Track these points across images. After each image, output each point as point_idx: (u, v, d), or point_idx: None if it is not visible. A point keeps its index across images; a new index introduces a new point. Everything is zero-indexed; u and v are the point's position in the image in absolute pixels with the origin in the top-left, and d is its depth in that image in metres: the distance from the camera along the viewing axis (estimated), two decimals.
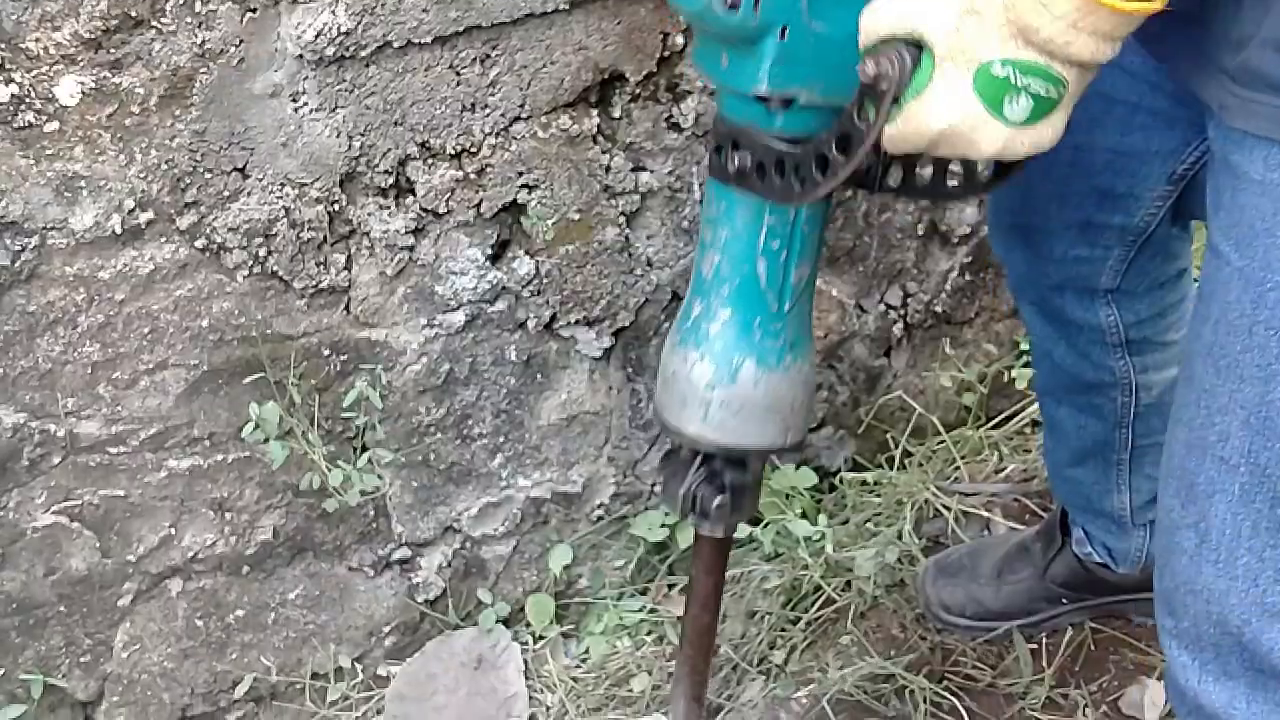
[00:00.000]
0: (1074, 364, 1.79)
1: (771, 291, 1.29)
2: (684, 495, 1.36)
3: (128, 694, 1.87)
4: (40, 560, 1.74)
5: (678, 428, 1.34)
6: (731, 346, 1.30)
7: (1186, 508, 1.18)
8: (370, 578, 2.02)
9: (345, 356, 1.86)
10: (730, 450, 1.34)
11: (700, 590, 1.43)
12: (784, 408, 1.33)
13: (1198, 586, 1.17)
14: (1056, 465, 1.96)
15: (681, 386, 1.32)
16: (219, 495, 1.84)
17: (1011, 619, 2.05)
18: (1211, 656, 1.17)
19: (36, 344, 1.65)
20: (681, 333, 1.34)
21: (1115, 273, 1.66)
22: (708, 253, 1.31)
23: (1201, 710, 1.19)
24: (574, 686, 2.06)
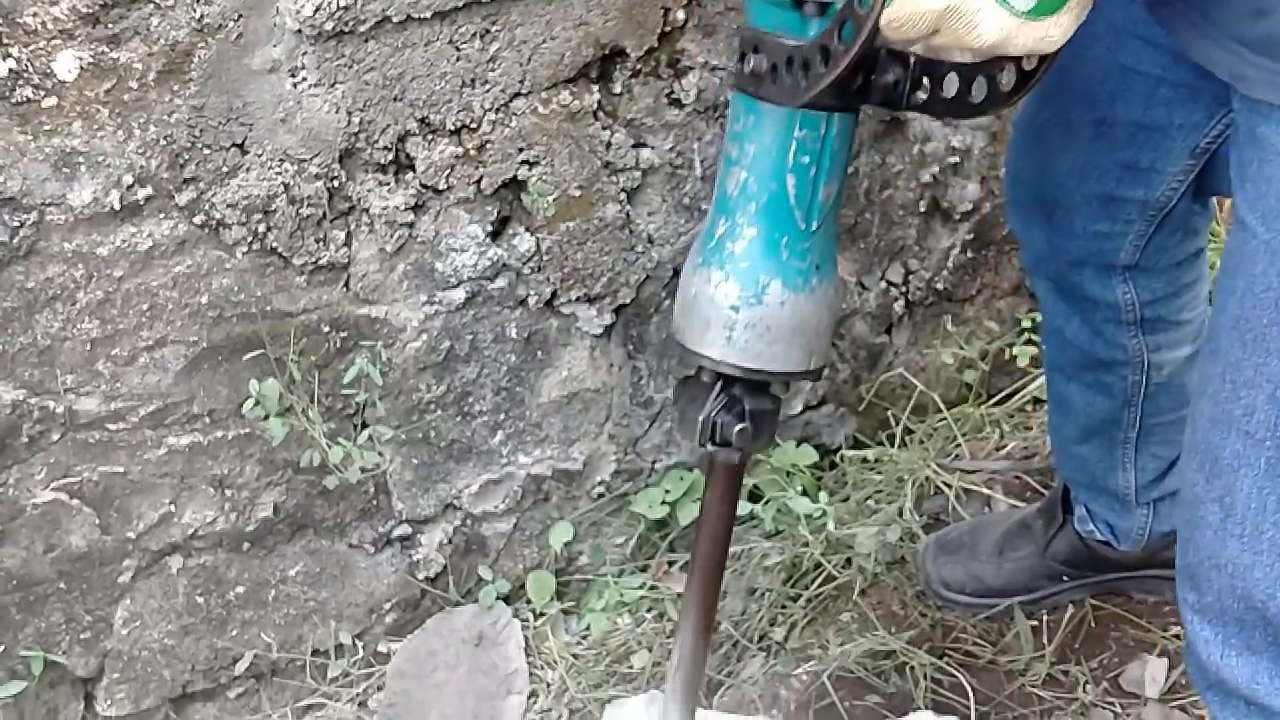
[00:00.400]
0: (1086, 341, 1.79)
1: (800, 209, 1.26)
2: (703, 422, 1.30)
3: (128, 670, 1.87)
4: (40, 537, 1.74)
5: (699, 351, 1.29)
6: (758, 266, 1.26)
7: (1211, 482, 1.17)
8: (371, 555, 2.02)
9: (345, 333, 1.86)
10: (755, 374, 1.29)
11: (712, 519, 1.39)
12: (809, 330, 1.29)
13: (1222, 561, 1.16)
14: (1062, 442, 1.95)
15: (704, 308, 1.28)
16: (219, 472, 1.84)
17: (1012, 596, 2.05)
18: (1235, 631, 1.17)
19: (35, 320, 1.64)
20: (704, 253, 1.29)
21: (1135, 248, 1.65)
22: (733, 169, 1.27)
23: (1224, 685, 1.18)
24: (574, 663, 2.06)
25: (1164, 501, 1.95)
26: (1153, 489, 1.93)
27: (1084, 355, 1.80)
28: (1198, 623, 1.21)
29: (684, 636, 1.45)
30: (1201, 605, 1.20)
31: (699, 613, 1.44)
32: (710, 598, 1.45)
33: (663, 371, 2.13)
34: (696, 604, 1.44)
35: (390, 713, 1.97)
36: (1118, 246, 1.66)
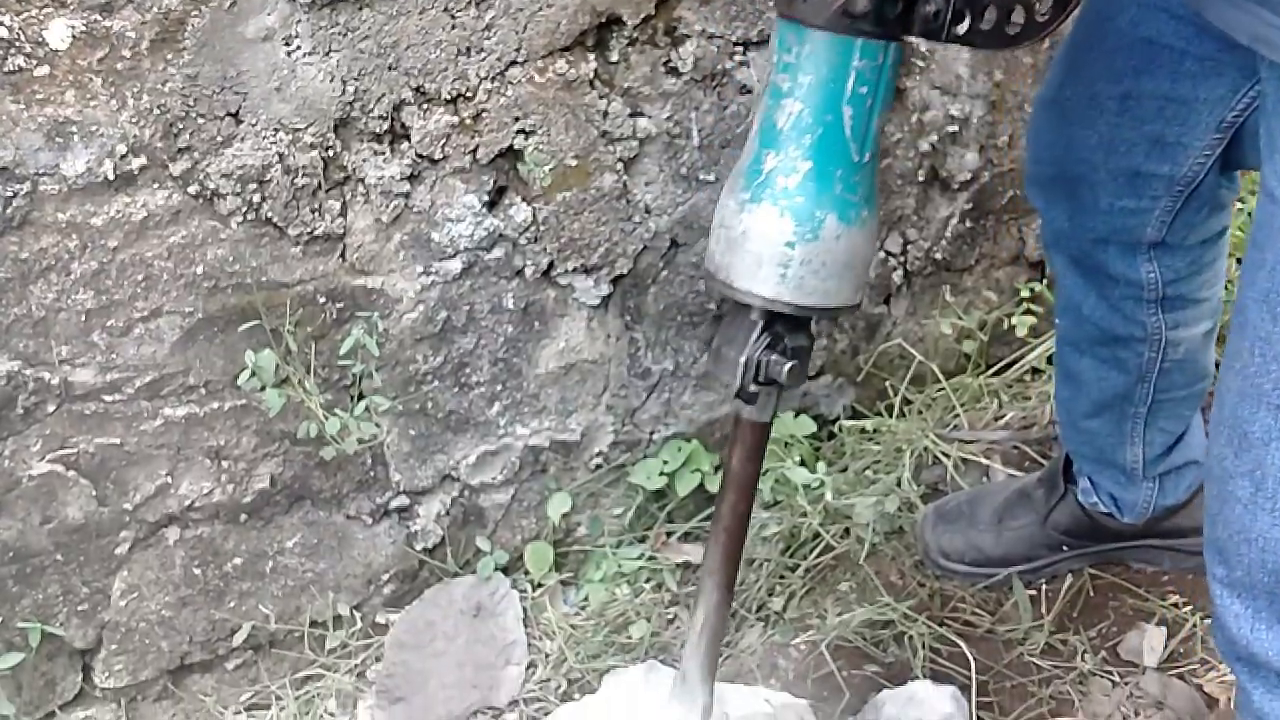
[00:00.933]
0: (1104, 317, 1.78)
1: (855, 141, 1.24)
2: (746, 363, 1.27)
3: (126, 642, 1.87)
4: (36, 508, 1.73)
5: (750, 289, 1.26)
6: (813, 200, 1.24)
7: (1240, 456, 1.16)
8: (368, 526, 2.01)
9: (341, 304, 1.85)
10: (808, 311, 1.27)
11: (739, 477, 1.37)
12: (859, 263, 1.28)
13: (1253, 535, 1.16)
14: (1071, 416, 1.95)
15: (755, 245, 1.25)
16: (216, 443, 1.83)
17: (1011, 565, 2.05)
18: (1265, 604, 1.16)
19: (29, 291, 1.63)
20: (752, 189, 1.26)
21: (1161, 224, 1.65)
22: (784, 101, 1.24)
23: (1254, 658, 1.17)
24: (573, 633, 2.06)
25: (1169, 476, 1.95)
26: (1159, 463, 1.93)
27: (1100, 331, 1.80)
28: (1227, 597, 1.20)
29: (706, 601, 1.43)
30: (1231, 579, 1.19)
31: (721, 577, 1.42)
32: (734, 562, 1.43)
33: (660, 342, 2.13)
34: (719, 568, 1.42)
35: (389, 683, 1.97)
36: (1144, 223, 1.65)
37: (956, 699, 1.77)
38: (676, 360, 2.16)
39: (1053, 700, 1.87)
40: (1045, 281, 2.48)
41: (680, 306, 2.11)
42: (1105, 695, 1.87)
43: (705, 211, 2.06)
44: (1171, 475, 1.95)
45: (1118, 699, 1.87)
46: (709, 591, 1.42)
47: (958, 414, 2.37)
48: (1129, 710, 1.85)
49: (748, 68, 2.00)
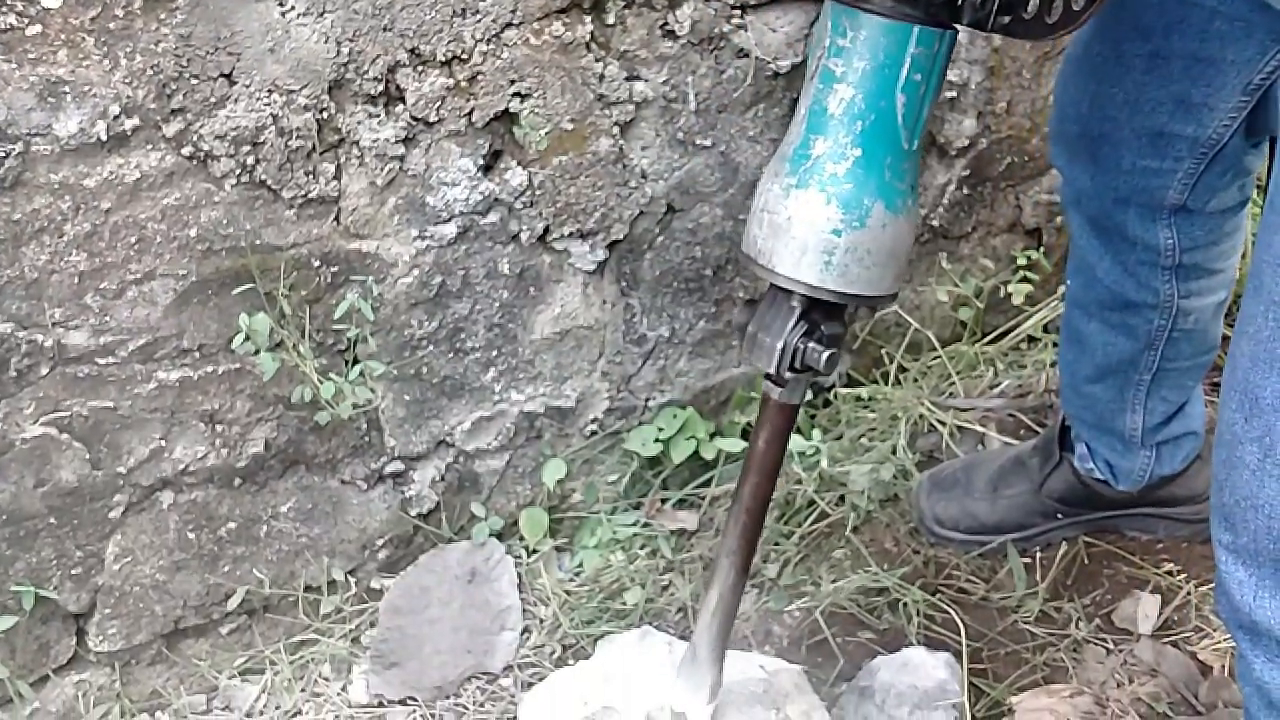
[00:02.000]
0: (1117, 281, 1.77)
1: (906, 129, 1.23)
2: (783, 350, 1.27)
3: (120, 606, 1.87)
4: (29, 471, 1.73)
5: (793, 275, 1.25)
6: (862, 188, 1.22)
7: (1250, 422, 1.15)
8: (363, 491, 2.01)
9: (336, 268, 1.84)
10: (851, 299, 1.26)
11: (764, 458, 1.36)
12: (902, 252, 1.27)
13: (1260, 502, 1.15)
14: (1073, 379, 1.94)
15: (801, 232, 1.24)
16: (210, 407, 1.83)
17: (1005, 533, 2.05)
18: (1270, 572, 1.15)
19: (22, 253, 1.62)
20: (799, 174, 1.24)
21: (1184, 187, 1.64)
22: (837, 86, 1.22)
23: (1256, 626, 1.17)
24: (567, 599, 2.06)
25: (1167, 445, 1.95)
26: (1158, 432, 1.93)
27: (1112, 295, 1.79)
28: (1232, 563, 1.19)
29: (722, 580, 1.42)
30: (1236, 546, 1.18)
31: (739, 559, 1.41)
32: (752, 543, 1.41)
33: (656, 309, 2.12)
34: (738, 549, 1.40)
35: (383, 648, 1.97)
36: (1166, 184, 1.65)
37: (950, 665, 1.77)
38: (672, 327, 2.15)
39: (1046, 667, 1.87)
40: (1042, 249, 2.47)
41: (676, 273, 2.11)
42: (1099, 662, 1.88)
43: (702, 177, 2.05)
44: (1169, 445, 1.95)
45: (1111, 666, 1.87)
46: (725, 571, 1.42)
47: (953, 382, 2.37)
48: (1123, 677, 1.85)
49: (745, 31, 1.98)
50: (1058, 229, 2.47)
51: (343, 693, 1.96)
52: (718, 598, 1.43)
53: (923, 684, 1.75)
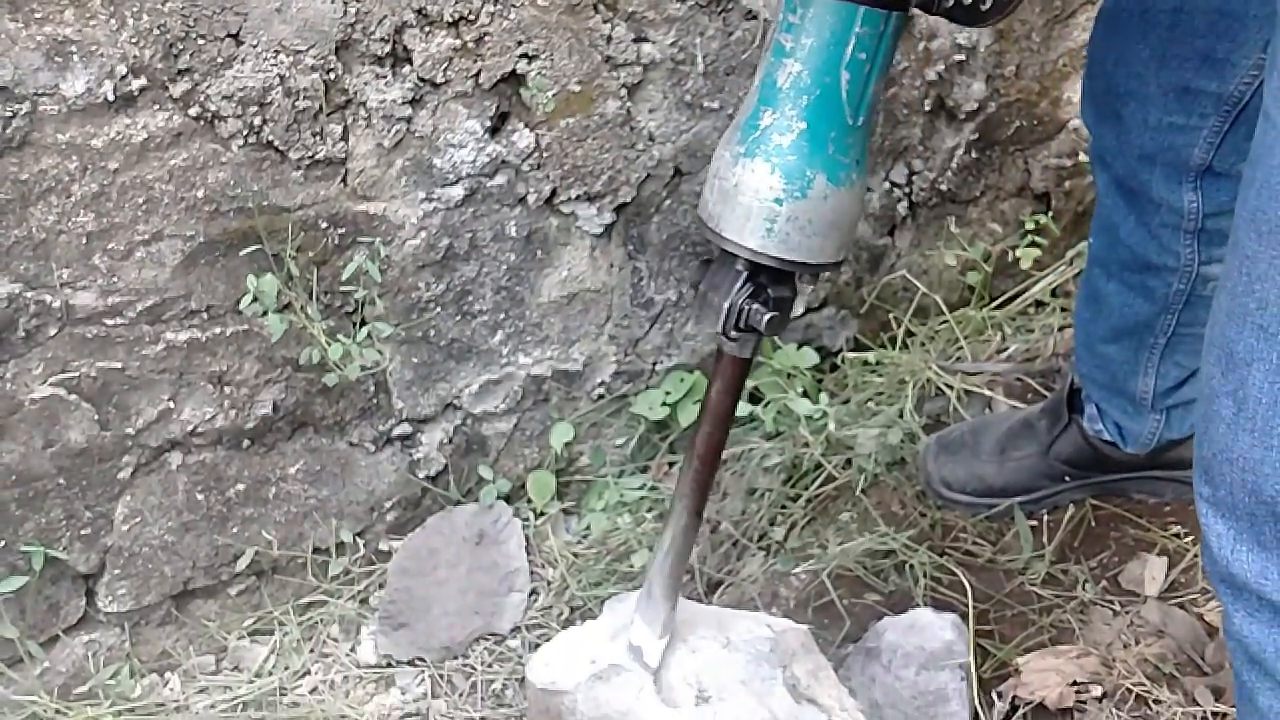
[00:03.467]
0: (1140, 242, 1.77)
1: (850, 105, 1.27)
2: (729, 309, 1.32)
3: (129, 567, 1.87)
4: (38, 432, 1.73)
5: (737, 240, 1.30)
6: (805, 160, 1.27)
7: (1226, 376, 1.16)
8: (371, 453, 2.01)
9: (343, 230, 1.84)
10: (791, 265, 1.31)
11: (717, 408, 1.41)
12: (845, 224, 1.31)
13: (1234, 455, 1.15)
14: (1088, 339, 1.94)
15: (746, 199, 1.29)
16: (218, 369, 1.83)
17: (1013, 495, 2.05)
18: (1246, 526, 1.16)
19: (30, 213, 1.62)
20: (747, 143, 1.29)
21: (1210, 146, 1.64)
22: (786, 60, 1.27)
23: (1233, 579, 1.17)
24: (575, 561, 2.07)
25: (1177, 409, 1.94)
26: (1169, 396, 1.92)
27: (1133, 256, 1.79)
28: (1211, 516, 1.20)
29: (675, 523, 1.47)
30: (1215, 499, 1.19)
31: (692, 502, 1.46)
32: (704, 488, 1.47)
33: (663, 272, 2.12)
34: (690, 493, 1.46)
35: (391, 609, 1.98)
36: (1191, 142, 1.65)
37: (957, 626, 1.78)
38: (679, 290, 2.15)
39: (1053, 629, 1.88)
40: (1050, 214, 2.46)
41: (684, 236, 2.10)
42: (1106, 624, 1.88)
43: (709, 140, 2.04)
44: (1180, 409, 1.95)
45: (1118, 628, 1.87)
46: (679, 514, 1.47)
47: (961, 346, 2.37)
48: (1129, 638, 1.85)
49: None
50: (1066, 193, 2.46)
51: (351, 653, 1.97)
52: (670, 539, 1.48)
53: (929, 645, 1.76)
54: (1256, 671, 1.18)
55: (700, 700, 1.48)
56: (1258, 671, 1.17)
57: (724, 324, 1.34)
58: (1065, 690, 1.75)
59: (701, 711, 1.47)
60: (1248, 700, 1.20)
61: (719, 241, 1.32)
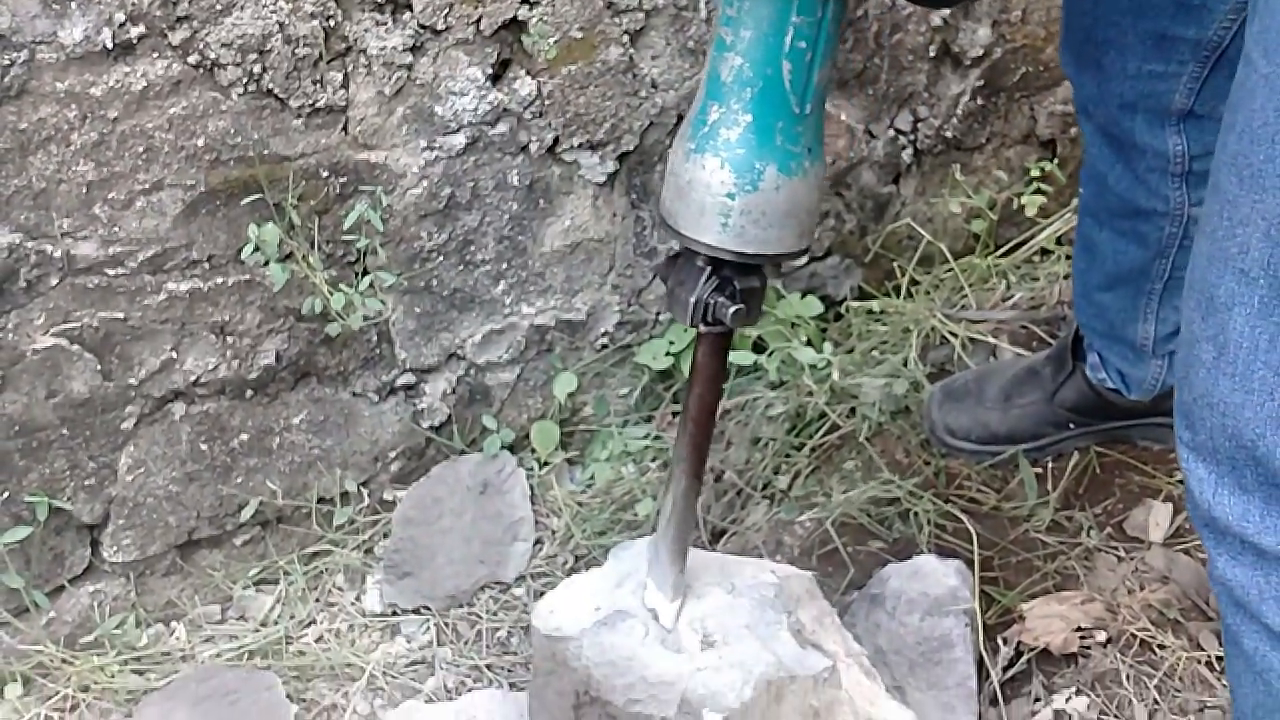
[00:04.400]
0: (1128, 189, 1.77)
1: (795, 94, 1.26)
2: (695, 303, 1.33)
3: (133, 517, 1.87)
4: (41, 382, 1.73)
5: (695, 238, 1.31)
6: (753, 152, 1.27)
7: (1206, 320, 1.16)
8: (375, 403, 2.01)
9: (344, 178, 1.83)
10: (750, 258, 1.32)
11: (706, 372, 1.41)
12: (802, 212, 1.31)
13: (1214, 400, 1.15)
14: (1085, 288, 1.94)
15: (699, 195, 1.29)
16: (220, 319, 1.83)
17: (1017, 443, 2.05)
18: (1227, 470, 1.16)
19: (29, 162, 1.62)
20: (697, 139, 1.29)
21: (1190, 91, 1.64)
22: (727, 54, 1.26)
23: (1215, 523, 1.18)
24: (579, 511, 2.07)
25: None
26: (1170, 341, 1.92)
27: (1123, 203, 1.79)
28: (1193, 460, 1.20)
29: (675, 487, 1.47)
30: (1196, 443, 1.19)
31: (690, 465, 1.46)
32: (701, 451, 1.47)
33: None
34: (688, 456, 1.46)
35: (396, 559, 1.98)
36: (1171, 89, 1.64)
37: (961, 573, 1.78)
38: None
39: (1058, 575, 1.88)
40: (1056, 161, 2.45)
41: None
42: (1110, 570, 1.88)
43: None
44: None
45: (1123, 574, 1.87)
46: (678, 478, 1.47)
47: (966, 294, 2.36)
48: (1134, 584, 1.85)
49: None
50: (1072, 140, 2.45)
51: (356, 602, 1.98)
52: (672, 503, 1.49)
53: (934, 591, 1.76)
54: (1241, 615, 1.18)
55: (705, 645, 1.49)
56: (1242, 614, 1.18)
57: (691, 318, 1.34)
58: (1070, 636, 1.75)
59: (707, 656, 1.47)
60: (1234, 643, 1.21)
61: (677, 239, 1.33)
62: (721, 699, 1.43)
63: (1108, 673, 1.73)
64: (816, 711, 1.48)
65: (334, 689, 1.85)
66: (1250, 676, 1.20)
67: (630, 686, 1.46)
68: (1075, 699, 1.70)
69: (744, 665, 1.46)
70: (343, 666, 1.87)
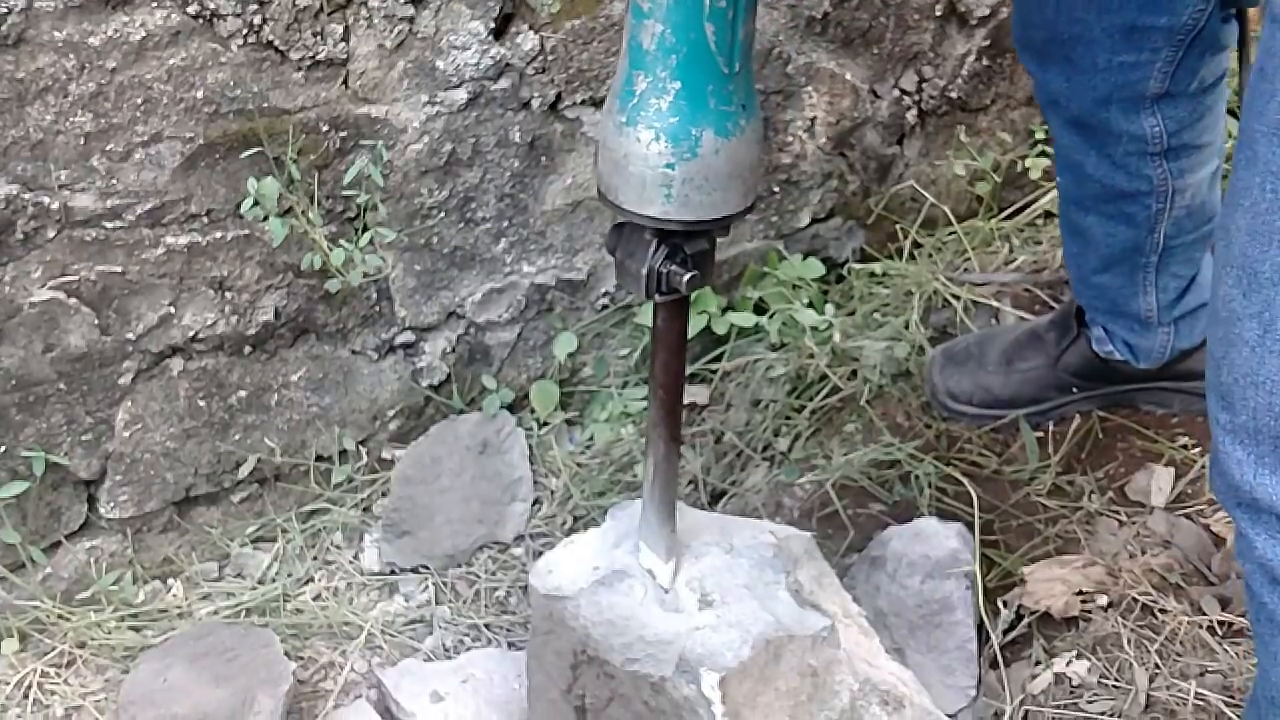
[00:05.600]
0: (1107, 174, 1.75)
1: (722, 55, 1.22)
2: (648, 275, 1.30)
3: (130, 473, 1.86)
4: (38, 336, 1.72)
5: (639, 211, 1.28)
6: (688, 119, 1.24)
7: (1249, 297, 1.13)
8: (374, 361, 2.00)
9: (345, 133, 1.81)
10: (698, 225, 1.29)
11: (668, 339, 1.40)
12: (745, 171, 1.29)
13: (1260, 378, 1.13)
14: (1081, 272, 1.92)
15: (637, 168, 1.26)
16: (219, 274, 1.81)
17: (1019, 407, 2.03)
18: (1270, 449, 1.14)
19: (27, 112, 1.60)
20: (627, 111, 1.26)
21: (1164, 76, 1.63)
22: (646, 22, 1.22)
23: (1257, 504, 1.15)
24: (578, 471, 2.06)
25: (1185, 319, 1.93)
26: (1174, 308, 1.91)
27: (1104, 189, 1.77)
28: (1230, 443, 1.17)
29: (654, 453, 1.46)
30: (1235, 425, 1.16)
31: (665, 430, 1.44)
32: (675, 415, 1.45)
33: None
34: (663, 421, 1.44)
35: (395, 517, 1.98)
36: (1146, 76, 1.63)
37: (962, 535, 1.77)
38: None
39: (1059, 539, 1.87)
40: None
41: None
42: (1112, 534, 1.87)
43: None
44: (1186, 319, 1.93)
45: (1124, 538, 1.87)
46: (655, 443, 1.46)
47: (969, 257, 2.35)
48: (1135, 549, 1.85)
49: None
50: None
51: (354, 561, 1.97)
52: (654, 467, 1.47)
53: (934, 553, 1.75)
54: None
55: (703, 604, 1.48)
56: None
57: (646, 290, 1.32)
58: (1071, 599, 1.75)
59: (705, 615, 1.46)
60: (1269, 621, 1.18)
61: (620, 214, 1.30)
62: (719, 658, 1.42)
63: (1108, 636, 1.72)
64: (815, 670, 1.47)
65: (332, 647, 1.84)
66: None
67: (628, 646, 1.46)
68: (1076, 662, 1.70)
69: (742, 624, 1.45)
70: (340, 625, 1.86)
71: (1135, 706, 1.64)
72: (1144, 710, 1.64)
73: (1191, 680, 1.67)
